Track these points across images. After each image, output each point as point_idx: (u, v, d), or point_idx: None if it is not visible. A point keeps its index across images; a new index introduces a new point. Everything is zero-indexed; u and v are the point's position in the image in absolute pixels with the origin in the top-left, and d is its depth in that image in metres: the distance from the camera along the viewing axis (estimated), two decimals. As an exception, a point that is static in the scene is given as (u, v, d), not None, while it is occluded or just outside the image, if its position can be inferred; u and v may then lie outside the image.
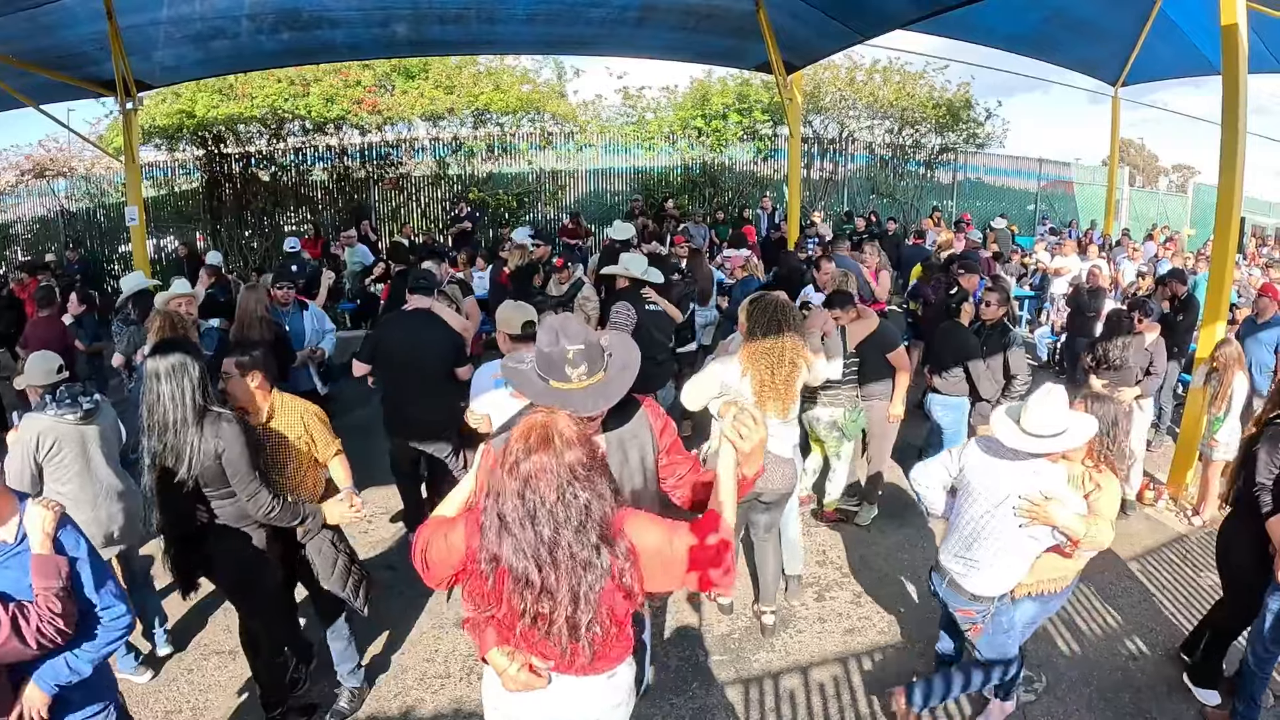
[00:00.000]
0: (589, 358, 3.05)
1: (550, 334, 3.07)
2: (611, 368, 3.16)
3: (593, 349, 3.07)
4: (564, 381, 3.04)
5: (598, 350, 3.11)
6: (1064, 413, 4.39)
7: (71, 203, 21.01)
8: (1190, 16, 14.65)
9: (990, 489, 4.54)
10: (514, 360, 3.26)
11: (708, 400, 5.61)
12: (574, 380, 3.04)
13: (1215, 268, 8.48)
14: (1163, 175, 53.99)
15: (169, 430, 4.18)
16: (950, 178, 27.02)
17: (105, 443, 5.08)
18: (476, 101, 21.12)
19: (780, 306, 5.58)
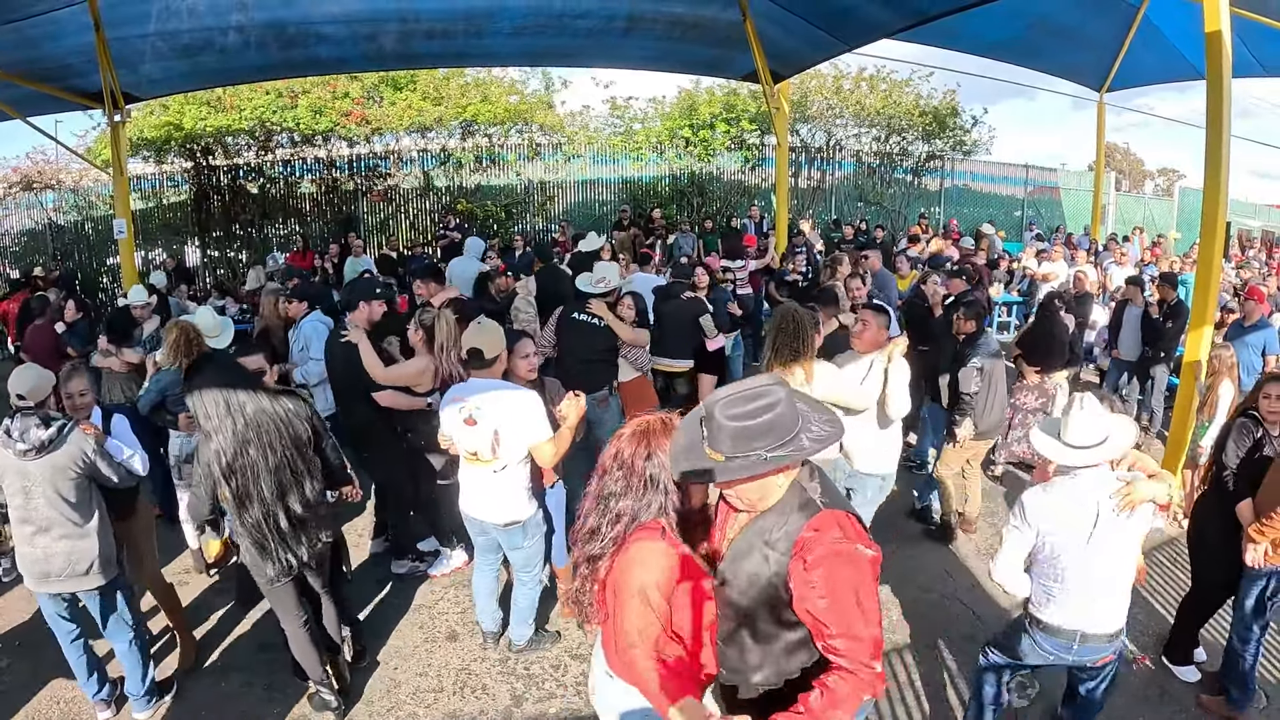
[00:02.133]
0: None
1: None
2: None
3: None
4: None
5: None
6: (1100, 420, 4.22)
7: (59, 215, 20.93)
8: (1173, 22, 14.74)
9: (1078, 516, 4.20)
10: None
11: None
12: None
13: (1201, 271, 8.50)
14: (1148, 179, 54.14)
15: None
16: (937, 185, 27.10)
17: (55, 478, 4.77)
18: (464, 113, 21.15)
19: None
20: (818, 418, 2.87)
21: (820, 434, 2.81)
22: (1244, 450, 5.36)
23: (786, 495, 2.92)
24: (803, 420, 2.80)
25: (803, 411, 2.84)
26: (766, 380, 2.82)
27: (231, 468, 4.51)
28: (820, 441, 2.79)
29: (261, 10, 11.82)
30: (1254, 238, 28.34)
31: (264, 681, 5.61)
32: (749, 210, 21.20)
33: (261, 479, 4.57)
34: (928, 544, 7.89)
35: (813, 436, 2.79)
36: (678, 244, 17.88)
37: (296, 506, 4.72)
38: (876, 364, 6.07)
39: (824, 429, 2.83)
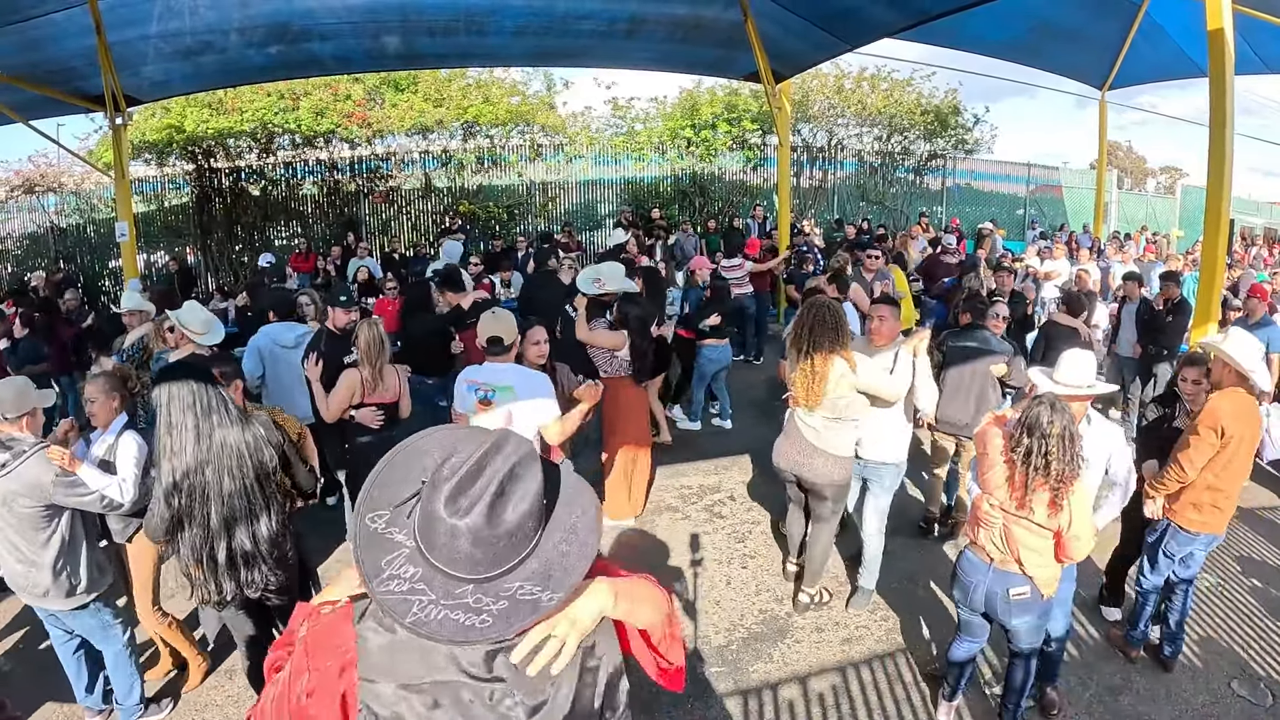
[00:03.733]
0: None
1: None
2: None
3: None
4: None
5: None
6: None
7: (61, 218, 20.97)
8: (1175, 20, 14.73)
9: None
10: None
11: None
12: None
13: (1205, 269, 8.49)
14: (1150, 177, 54.12)
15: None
16: (939, 184, 27.14)
17: (7, 502, 4.64)
18: (466, 114, 21.14)
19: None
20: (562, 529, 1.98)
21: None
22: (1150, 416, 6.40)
23: None
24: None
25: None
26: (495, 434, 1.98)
27: (178, 486, 4.26)
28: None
29: (264, 8, 11.79)
30: (1257, 235, 28.32)
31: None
32: (752, 210, 21.18)
33: (210, 504, 4.31)
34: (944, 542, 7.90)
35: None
36: (679, 244, 17.87)
37: (245, 541, 4.44)
38: (902, 356, 6.22)
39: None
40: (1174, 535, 5.64)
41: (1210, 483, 5.41)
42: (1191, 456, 5.36)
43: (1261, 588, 7.02)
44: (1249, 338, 5.50)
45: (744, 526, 8.16)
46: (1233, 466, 5.36)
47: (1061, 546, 4.53)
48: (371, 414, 6.58)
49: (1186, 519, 5.53)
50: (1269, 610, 6.56)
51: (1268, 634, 6.28)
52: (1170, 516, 5.64)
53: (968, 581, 4.90)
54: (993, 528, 4.69)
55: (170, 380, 4.29)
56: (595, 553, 1.94)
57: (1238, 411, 5.28)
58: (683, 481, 9.26)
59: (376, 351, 6.43)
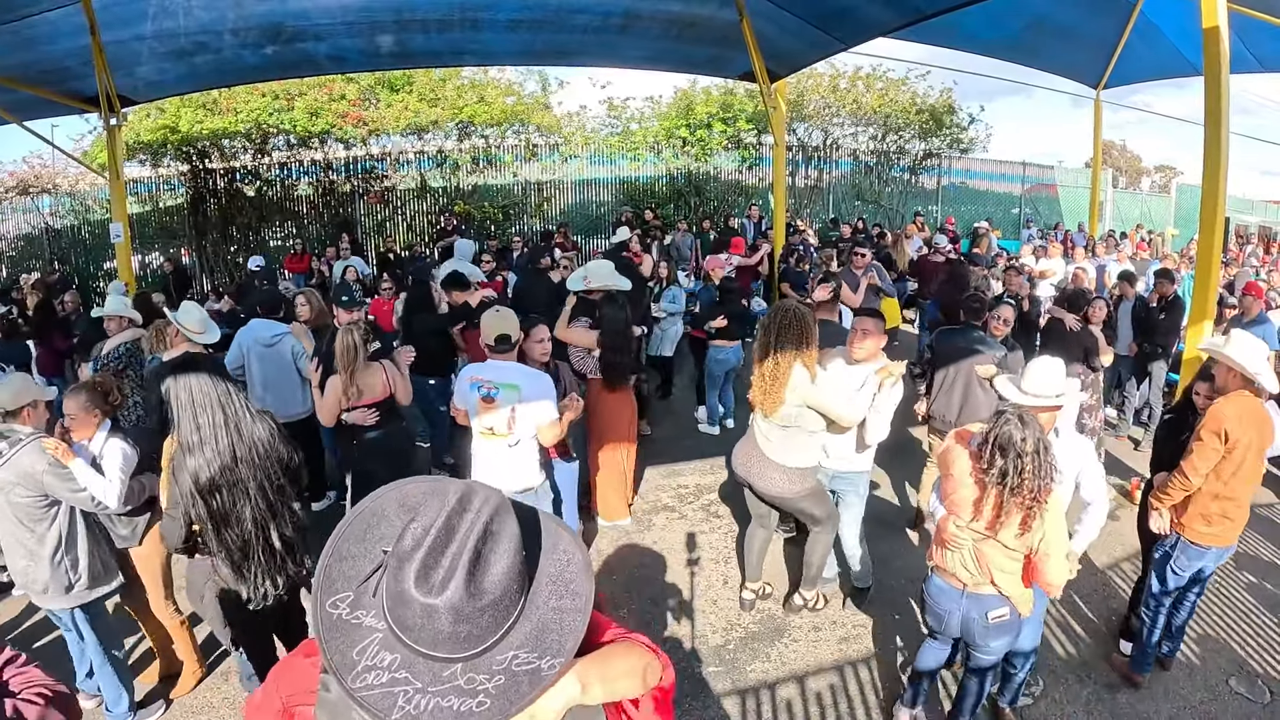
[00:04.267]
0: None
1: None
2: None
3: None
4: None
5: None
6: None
7: (56, 219, 20.92)
8: (1170, 19, 14.74)
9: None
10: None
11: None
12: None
13: (1201, 267, 8.51)
14: (1145, 176, 54.18)
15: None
16: (934, 183, 27.14)
17: (5, 493, 4.71)
18: (461, 114, 21.17)
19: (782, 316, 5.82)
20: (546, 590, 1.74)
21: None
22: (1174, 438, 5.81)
23: None
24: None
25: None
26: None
27: (215, 484, 4.24)
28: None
29: (258, 6, 11.77)
30: (1252, 233, 28.35)
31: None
32: (748, 210, 21.18)
33: (252, 499, 4.35)
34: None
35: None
36: (675, 244, 17.86)
37: (288, 530, 4.55)
38: (870, 383, 5.94)
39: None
40: (1183, 550, 5.40)
41: (1218, 491, 5.18)
42: (1195, 463, 5.15)
43: (1259, 584, 7.03)
44: (1253, 339, 5.33)
45: (741, 526, 8.12)
46: (1241, 473, 5.13)
47: (1032, 569, 4.33)
48: (362, 414, 6.59)
49: (1196, 532, 5.31)
50: (1267, 607, 6.56)
51: (1265, 631, 6.29)
52: (1179, 530, 5.40)
53: (941, 610, 4.70)
54: (962, 549, 4.45)
55: (190, 377, 4.30)
56: (590, 603, 1.71)
57: (1243, 415, 5.07)
58: (679, 481, 9.25)
59: (350, 359, 6.43)
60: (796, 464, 5.91)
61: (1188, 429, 5.51)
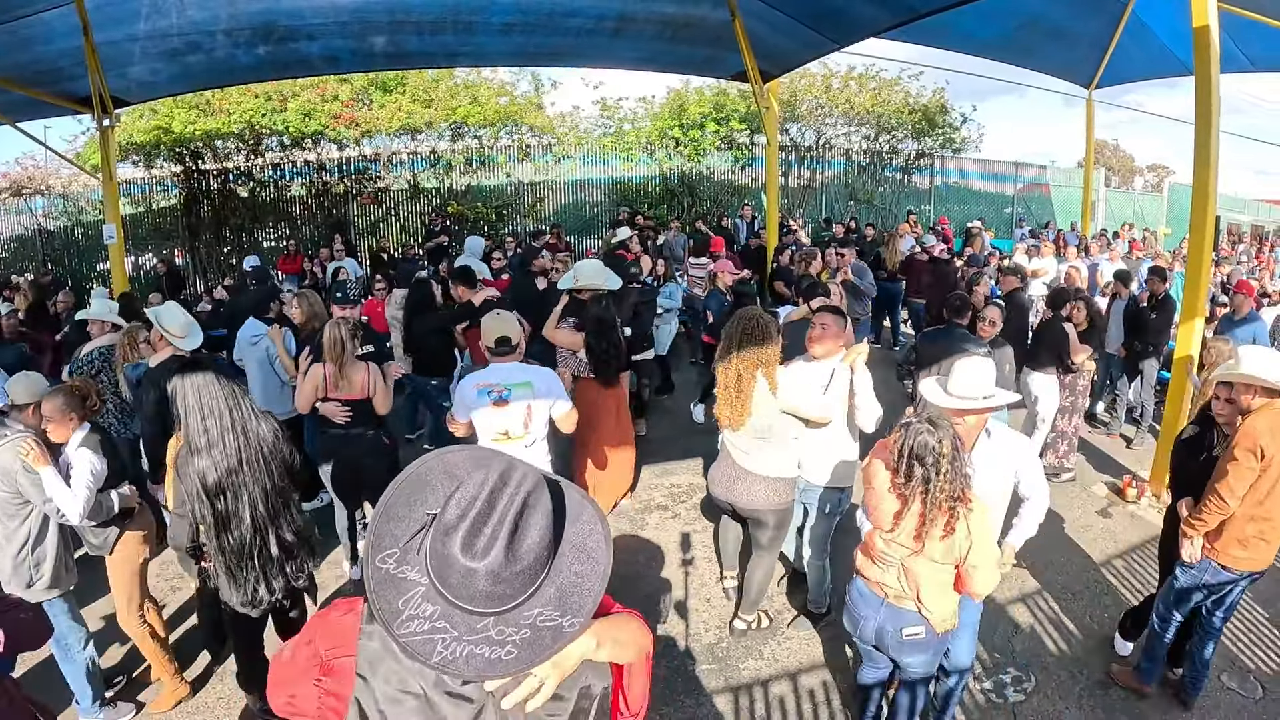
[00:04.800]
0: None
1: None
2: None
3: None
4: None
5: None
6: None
7: (49, 221, 20.86)
8: (1162, 19, 14.77)
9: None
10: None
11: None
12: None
13: (1191, 266, 8.57)
14: (1138, 175, 54.29)
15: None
16: (927, 182, 27.18)
17: None
18: (454, 115, 21.15)
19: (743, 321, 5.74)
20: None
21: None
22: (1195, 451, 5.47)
23: None
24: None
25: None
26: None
27: (221, 486, 4.30)
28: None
29: (251, 6, 11.75)
30: (1244, 232, 28.45)
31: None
32: (741, 210, 21.20)
33: (255, 502, 4.39)
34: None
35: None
36: (668, 244, 17.87)
37: (287, 534, 4.58)
38: (839, 373, 5.80)
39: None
40: (1215, 575, 5.07)
41: (1254, 513, 4.84)
42: (1231, 485, 4.78)
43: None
44: (1263, 351, 5.14)
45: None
46: (1277, 491, 4.81)
47: (961, 580, 4.18)
48: (335, 408, 6.66)
49: (1231, 557, 4.97)
50: (1258, 603, 6.58)
51: (1257, 627, 6.32)
52: (1212, 556, 5.03)
53: (858, 615, 4.54)
54: (889, 566, 4.28)
55: (198, 377, 4.33)
56: (608, 570, 1.93)
57: (1276, 429, 4.74)
58: (672, 480, 9.27)
59: (338, 350, 6.50)
60: (778, 474, 5.77)
61: (1207, 447, 5.35)
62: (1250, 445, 4.73)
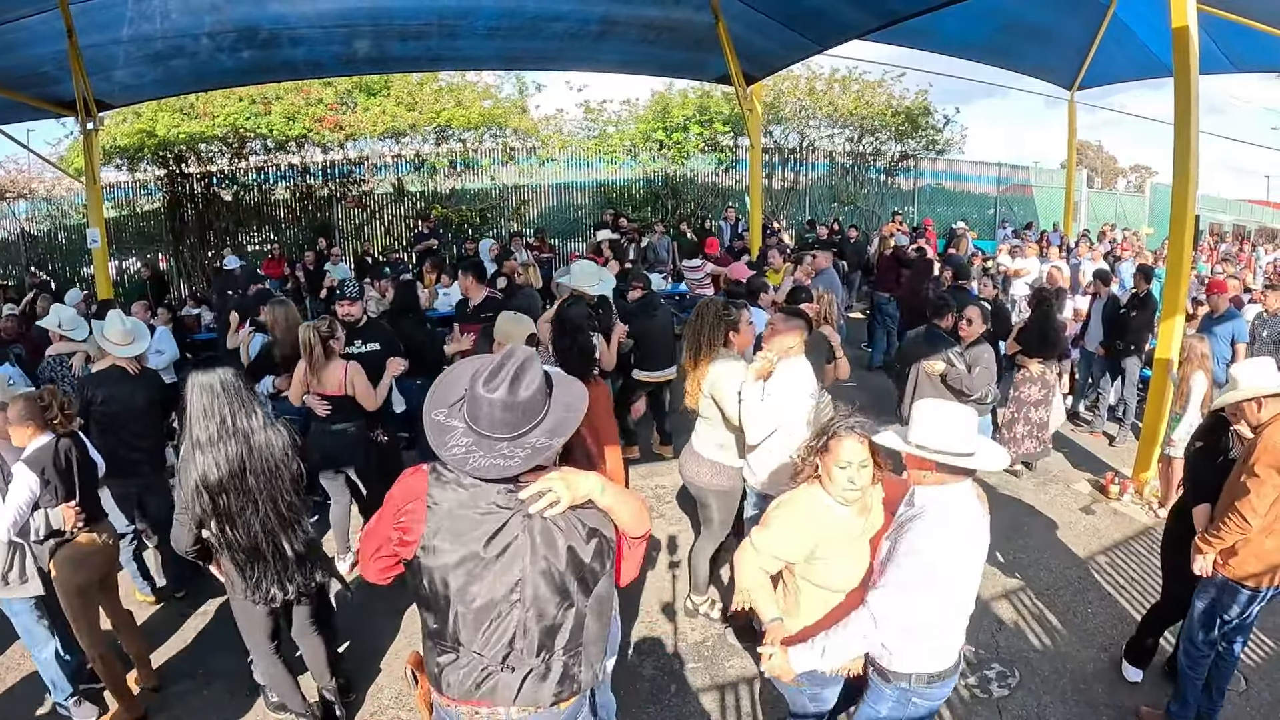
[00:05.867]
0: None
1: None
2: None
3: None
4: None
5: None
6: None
7: (32, 225, 20.75)
8: (1143, 20, 14.85)
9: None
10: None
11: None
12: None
13: (1172, 265, 8.64)
14: (1121, 176, 54.55)
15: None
16: (910, 184, 27.29)
17: None
18: (438, 118, 21.09)
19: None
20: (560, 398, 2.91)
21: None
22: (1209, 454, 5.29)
23: None
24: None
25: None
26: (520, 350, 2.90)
27: (223, 485, 4.26)
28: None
29: (235, 11, 11.74)
30: (1226, 232, 28.62)
31: (247, 687, 5.51)
32: (725, 212, 21.24)
33: (262, 510, 4.37)
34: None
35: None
36: (652, 247, 17.89)
37: (298, 544, 4.56)
38: (781, 377, 5.56)
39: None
40: (1234, 595, 4.80)
41: (1274, 527, 4.60)
42: (1254, 504, 4.52)
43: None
44: (1254, 364, 4.94)
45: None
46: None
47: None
48: (315, 401, 6.82)
49: (1247, 573, 4.71)
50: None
51: (1237, 622, 6.37)
52: (1226, 573, 4.77)
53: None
54: None
55: (202, 377, 4.33)
56: (581, 415, 2.87)
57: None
58: (657, 481, 9.29)
59: (307, 351, 6.68)
60: (708, 455, 5.96)
61: (1223, 450, 5.20)
62: (1273, 462, 4.51)
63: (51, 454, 4.97)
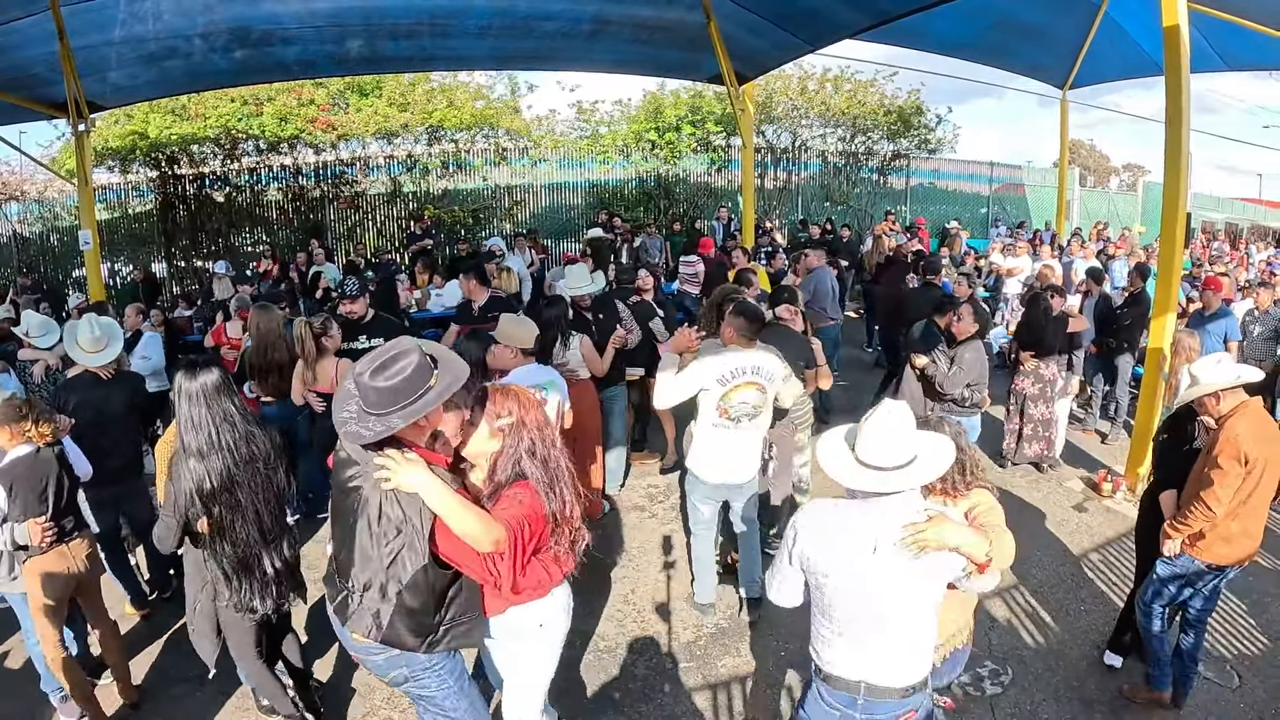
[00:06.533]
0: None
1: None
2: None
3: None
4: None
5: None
6: (907, 435, 3.45)
7: (24, 227, 20.70)
8: (1135, 19, 14.86)
9: (849, 549, 3.40)
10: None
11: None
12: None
13: (1163, 263, 8.66)
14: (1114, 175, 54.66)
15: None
16: (903, 183, 27.31)
17: None
18: (431, 118, 21.03)
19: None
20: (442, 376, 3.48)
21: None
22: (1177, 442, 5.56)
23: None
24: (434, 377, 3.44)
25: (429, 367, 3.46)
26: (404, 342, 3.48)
27: (214, 493, 4.28)
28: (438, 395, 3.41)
29: (227, 11, 11.72)
30: (1218, 230, 28.67)
31: (238, 690, 5.51)
32: (717, 212, 21.25)
33: (250, 520, 4.40)
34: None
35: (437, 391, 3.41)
36: (644, 246, 17.88)
37: (278, 560, 4.57)
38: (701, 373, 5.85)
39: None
40: (1201, 574, 5.12)
41: (1238, 512, 4.90)
42: (1218, 494, 4.80)
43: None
44: (1211, 360, 5.15)
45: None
46: (1261, 490, 4.89)
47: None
48: (312, 398, 7.27)
49: (1215, 554, 5.02)
50: (1234, 593, 6.63)
51: (1232, 616, 6.39)
52: (1194, 554, 5.06)
53: None
54: None
55: (190, 383, 4.32)
56: (438, 399, 3.38)
57: (1258, 432, 4.85)
58: (650, 481, 9.29)
59: (299, 348, 7.16)
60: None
61: (1189, 438, 5.47)
62: (1234, 453, 4.79)
63: (26, 467, 4.90)
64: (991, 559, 3.40)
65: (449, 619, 3.70)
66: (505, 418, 3.72)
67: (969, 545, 3.31)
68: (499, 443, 3.74)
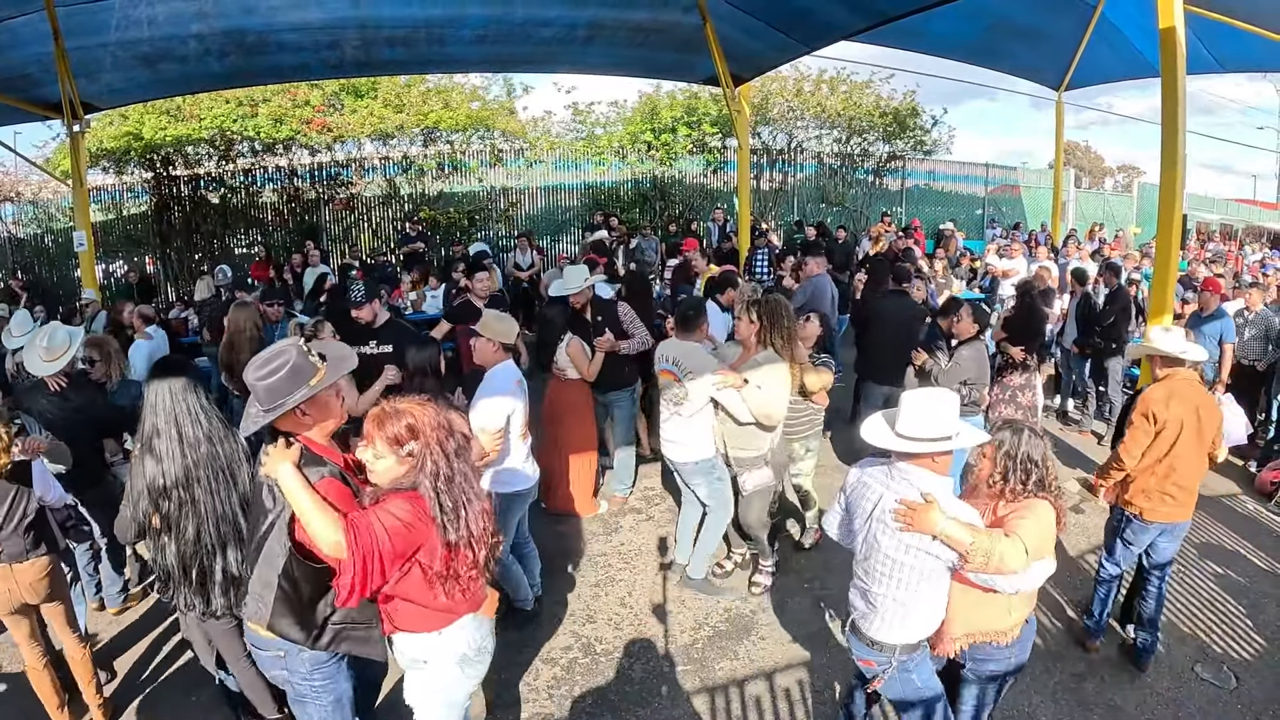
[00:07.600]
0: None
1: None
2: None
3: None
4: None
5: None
6: (939, 416, 3.84)
7: (19, 228, 20.63)
8: (1131, 20, 14.87)
9: (863, 498, 4.06)
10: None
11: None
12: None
13: (1159, 264, 8.67)
14: (1109, 176, 54.74)
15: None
16: (899, 185, 27.28)
17: None
18: (426, 120, 20.99)
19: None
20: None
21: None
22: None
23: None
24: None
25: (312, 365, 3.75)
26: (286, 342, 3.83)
27: (166, 491, 4.22)
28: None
29: (222, 19, 11.72)
30: (1213, 231, 28.70)
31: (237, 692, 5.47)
32: (713, 213, 21.24)
33: (205, 522, 4.30)
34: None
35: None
36: (640, 248, 17.88)
37: (232, 567, 4.40)
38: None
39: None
40: (1128, 524, 5.73)
41: (1154, 469, 5.53)
42: (1128, 446, 5.58)
43: (1223, 573, 7.15)
44: (1166, 330, 5.81)
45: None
46: (1178, 452, 5.45)
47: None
48: None
49: (1138, 507, 5.61)
50: (1231, 595, 6.67)
51: (1230, 618, 6.40)
52: (1122, 505, 5.77)
53: None
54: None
55: (159, 384, 4.28)
56: (293, 391, 3.62)
57: (1171, 398, 5.44)
58: (646, 484, 9.26)
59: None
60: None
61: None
62: (1144, 411, 5.53)
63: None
64: (972, 554, 3.65)
65: (337, 620, 3.81)
66: (410, 443, 3.48)
67: (949, 534, 3.66)
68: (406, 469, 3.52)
